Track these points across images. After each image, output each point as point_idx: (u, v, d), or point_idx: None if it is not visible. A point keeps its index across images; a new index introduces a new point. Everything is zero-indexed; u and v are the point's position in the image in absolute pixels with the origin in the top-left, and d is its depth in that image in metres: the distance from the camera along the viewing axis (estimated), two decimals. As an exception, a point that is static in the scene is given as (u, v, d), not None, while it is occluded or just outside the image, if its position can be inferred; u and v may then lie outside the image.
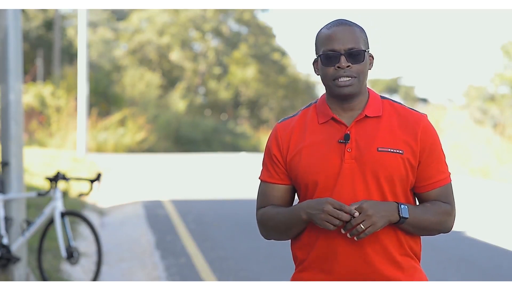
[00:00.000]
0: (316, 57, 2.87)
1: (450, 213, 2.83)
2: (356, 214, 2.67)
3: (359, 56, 2.77)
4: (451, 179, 2.87)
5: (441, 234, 2.88)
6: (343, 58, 2.76)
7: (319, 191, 2.79)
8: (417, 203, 2.89)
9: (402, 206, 2.74)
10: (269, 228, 2.88)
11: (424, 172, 2.81)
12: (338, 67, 2.76)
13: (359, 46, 2.78)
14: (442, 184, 2.83)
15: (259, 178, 2.94)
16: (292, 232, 2.84)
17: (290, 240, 2.92)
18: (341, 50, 2.76)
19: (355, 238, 2.70)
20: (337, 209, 2.67)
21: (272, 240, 2.96)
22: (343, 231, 2.71)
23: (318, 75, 2.87)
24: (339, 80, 2.77)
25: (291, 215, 2.80)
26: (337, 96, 2.80)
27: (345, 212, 2.68)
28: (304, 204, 2.76)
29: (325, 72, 2.79)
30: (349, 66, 2.76)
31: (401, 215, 2.72)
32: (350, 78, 2.77)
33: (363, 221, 2.67)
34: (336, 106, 2.84)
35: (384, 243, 2.78)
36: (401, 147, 2.79)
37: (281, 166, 2.87)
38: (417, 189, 2.84)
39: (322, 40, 2.81)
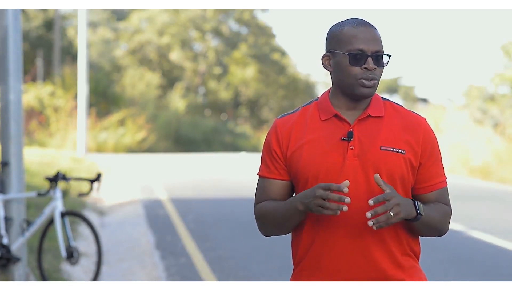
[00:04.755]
0: (328, 52, 2.85)
1: (450, 215, 2.88)
2: (346, 189, 2.65)
3: (382, 59, 2.81)
4: (447, 183, 2.91)
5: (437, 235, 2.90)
6: (370, 60, 2.78)
7: (319, 186, 2.78)
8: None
9: (418, 202, 2.75)
10: (267, 222, 2.88)
11: (424, 174, 2.84)
12: (366, 68, 2.78)
13: (382, 49, 2.82)
14: (440, 186, 2.86)
15: (258, 174, 2.94)
16: (290, 224, 2.83)
17: (290, 240, 2.92)
18: (368, 52, 2.78)
19: (374, 227, 2.66)
20: (326, 189, 2.66)
21: (271, 236, 2.95)
22: (368, 218, 2.67)
23: (329, 70, 2.86)
24: (364, 81, 2.78)
25: (288, 207, 2.80)
26: (356, 95, 2.81)
27: (333, 191, 2.66)
28: (300, 194, 2.76)
29: (349, 71, 2.79)
30: (375, 68, 2.78)
31: (418, 211, 2.74)
32: (372, 81, 2.79)
33: (392, 208, 2.66)
34: (341, 104, 2.85)
35: (386, 241, 2.78)
36: (403, 147, 2.81)
37: (281, 161, 2.87)
38: (416, 190, 2.86)
39: (347, 38, 2.80)
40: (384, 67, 2.82)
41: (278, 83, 48.02)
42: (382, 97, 2.91)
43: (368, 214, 2.65)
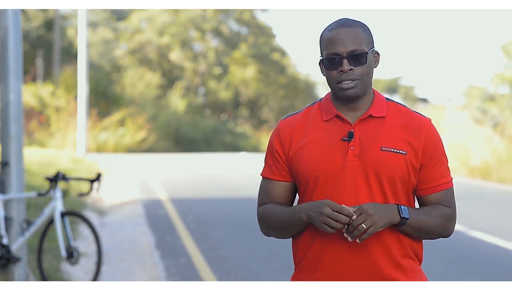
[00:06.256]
0: (321, 58, 2.86)
1: (451, 218, 2.83)
2: (354, 216, 2.66)
3: (361, 58, 2.77)
4: (453, 184, 2.88)
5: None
6: (345, 62, 2.75)
7: (319, 187, 2.78)
8: (417, 206, 2.89)
9: (402, 207, 2.74)
10: (269, 225, 2.88)
11: (426, 175, 2.81)
12: (341, 70, 2.76)
13: (361, 47, 2.77)
14: (443, 188, 2.83)
15: (261, 175, 2.94)
16: (293, 232, 2.84)
17: (291, 239, 2.92)
18: (343, 53, 2.75)
19: (357, 240, 2.69)
20: (336, 212, 2.67)
21: (272, 237, 2.96)
22: (345, 235, 2.70)
23: (324, 75, 2.87)
24: (343, 83, 2.77)
25: (292, 215, 2.80)
26: (342, 98, 2.81)
27: (344, 215, 2.68)
28: (306, 205, 2.76)
29: (329, 75, 2.80)
30: (351, 69, 2.76)
31: (402, 215, 2.72)
32: (353, 81, 2.77)
33: (365, 221, 2.67)
34: (341, 106, 2.85)
35: (386, 243, 2.78)
36: (404, 148, 2.79)
37: (283, 162, 2.87)
38: (418, 192, 2.85)
39: (324, 43, 2.80)
40: (365, 64, 2.77)
41: (278, 83, 48.01)
42: (386, 98, 2.90)
43: (344, 234, 2.70)
